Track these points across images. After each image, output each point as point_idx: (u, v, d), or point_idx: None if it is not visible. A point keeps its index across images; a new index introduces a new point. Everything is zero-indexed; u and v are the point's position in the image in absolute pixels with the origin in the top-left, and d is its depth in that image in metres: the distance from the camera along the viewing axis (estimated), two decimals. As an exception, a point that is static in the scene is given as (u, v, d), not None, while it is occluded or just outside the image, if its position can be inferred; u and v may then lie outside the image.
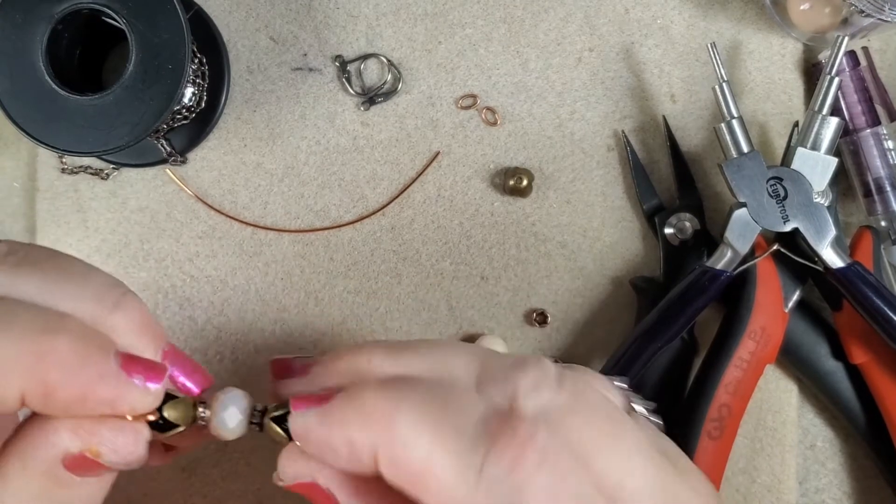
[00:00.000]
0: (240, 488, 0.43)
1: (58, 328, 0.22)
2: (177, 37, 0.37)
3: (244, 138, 0.44)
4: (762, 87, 0.44)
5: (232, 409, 0.24)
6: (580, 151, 0.44)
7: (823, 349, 0.42)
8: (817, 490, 0.44)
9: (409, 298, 0.44)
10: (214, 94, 0.44)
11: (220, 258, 0.44)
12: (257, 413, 0.25)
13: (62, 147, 0.37)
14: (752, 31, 0.44)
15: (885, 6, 0.38)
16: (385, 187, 0.44)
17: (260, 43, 0.44)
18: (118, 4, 0.37)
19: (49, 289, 0.22)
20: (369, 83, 0.44)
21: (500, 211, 0.44)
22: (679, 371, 0.42)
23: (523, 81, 0.44)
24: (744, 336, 0.40)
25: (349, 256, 0.44)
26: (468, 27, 0.44)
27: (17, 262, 0.23)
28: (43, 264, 0.23)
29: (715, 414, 0.40)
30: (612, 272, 0.44)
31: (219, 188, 0.44)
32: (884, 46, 0.44)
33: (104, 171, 0.44)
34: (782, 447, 0.43)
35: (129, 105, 0.37)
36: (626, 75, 0.44)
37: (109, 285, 0.23)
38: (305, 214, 0.44)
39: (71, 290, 0.23)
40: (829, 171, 0.40)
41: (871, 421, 0.41)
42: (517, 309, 0.44)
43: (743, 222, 0.40)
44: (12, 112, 0.37)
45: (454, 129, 0.44)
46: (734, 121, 0.40)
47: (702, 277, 0.40)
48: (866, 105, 0.42)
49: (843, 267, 0.39)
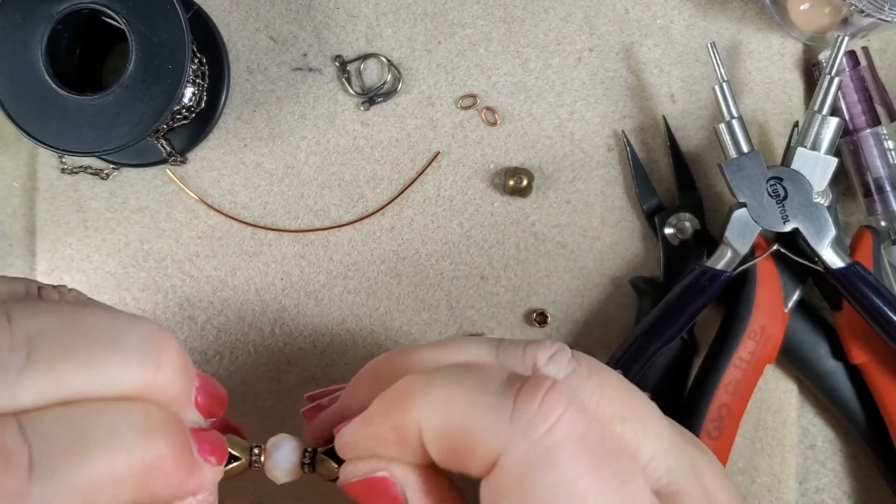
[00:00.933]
0: (240, 487, 0.43)
1: (152, 429, 0.22)
2: (177, 37, 0.37)
3: (244, 138, 0.44)
4: (762, 87, 0.44)
5: (282, 456, 0.25)
6: (580, 151, 0.44)
7: (823, 349, 0.42)
8: (817, 490, 0.44)
9: (409, 298, 0.44)
10: (214, 94, 0.44)
11: (219, 258, 0.44)
12: (308, 453, 0.26)
13: (62, 147, 0.37)
14: (752, 31, 0.44)
15: (885, 6, 0.38)
16: (385, 187, 0.44)
17: (260, 43, 0.44)
18: (118, 4, 0.37)
19: (95, 377, 0.21)
20: (369, 83, 0.44)
21: (499, 211, 0.44)
22: (679, 371, 0.42)
23: (523, 81, 0.44)
24: (744, 336, 0.40)
25: (349, 256, 0.44)
26: (468, 27, 0.44)
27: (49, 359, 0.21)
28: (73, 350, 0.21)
29: (714, 414, 0.40)
30: (612, 272, 0.44)
31: (219, 188, 0.44)
32: (884, 46, 0.44)
33: (104, 171, 0.44)
34: (782, 447, 0.43)
35: (129, 105, 0.37)
36: (626, 75, 0.44)
37: (143, 339, 0.22)
38: (305, 214, 0.44)
39: (113, 368, 0.22)
40: (829, 171, 0.40)
41: (871, 421, 0.41)
42: (517, 309, 0.44)
43: (743, 222, 0.40)
44: (12, 112, 0.37)
45: (454, 129, 0.44)
46: (734, 121, 0.40)
47: (702, 277, 0.40)
48: (866, 105, 0.42)
49: (843, 267, 0.39)
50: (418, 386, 0.23)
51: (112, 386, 0.21)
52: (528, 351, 0.25)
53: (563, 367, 0.25)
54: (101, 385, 0.21)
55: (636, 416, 0.24)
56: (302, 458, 0.26)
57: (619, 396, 0.24)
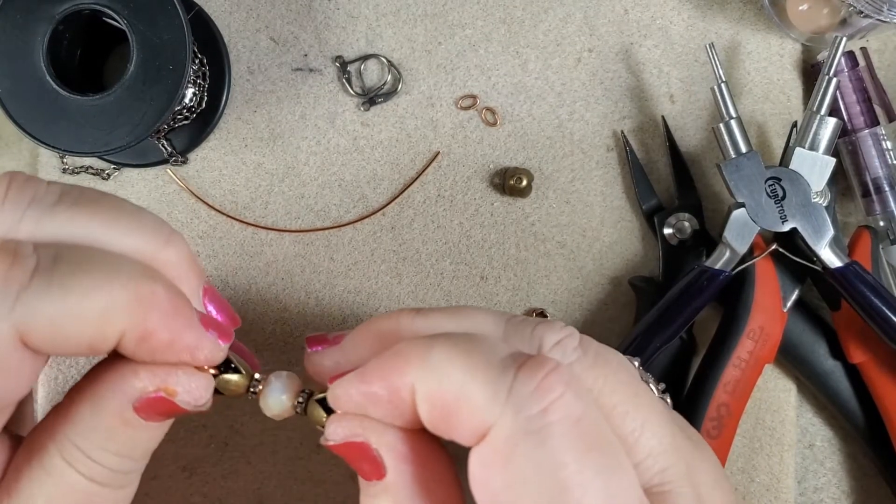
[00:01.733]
0: (240, 487, 0.43)
1: (155, 275, 0.23)
2: (178, 37, 0.37)
3: (245, 138, 0.44)
4: (761, 88, 0.44)
5: (279, 389, 0.26)
6: (579, 152, 0.44)
7: (822, 349, 0.42)
8: (816, 489, 0.44)
9: (409, 298, 0.44)
10: (215, 94, 0.44)
11: (220, 258, 0.44)
12: (303, 394, 0.26)
13: (63, 147, 0.37)
14: (751, 32, 0.44)
15: (884, 7, 0.38)
16: (385, 187, 0.44)
17: (260, 43, 0.45)
18: (119, 5, 0.37)
19: (110, 229, 0.24)
20: (369, 84, 0.45)
21: (499, 211, 0.44)
22: (678, 370, 0.42)
23: (523, 82, 0.44)
24: (742, 336, 0.40)
25: (349, 256, 0.44)
26: (468, 28, 0.45)
27: (73, 202, 0.24)
28: (99, 205, 0.24)
29: (714, 413, 0.40)
30: (612, 272, 0.44)
31: (219, 188, 0.44)
32: (882, 47, 0.45)
33: (105, 172, 0.44)
34: (781, 446, 0.43)
35: (130, 105, 0.37)
36: (626, 76, 0.45)
37: (159, 222, 0.25)
38: (306, 214, 0.44)
39: (128, 229, 0.24)
40: (828, 171, 0.40)
41: (870, 420, 0.41)
42: (517, 309, 0.44)
43: (741, 222, 0.40)
44: (13, 112, 0.37)
45: (454, 130, 0.44)
46: (733, 121, 0.40)
47: (700, 277, 0.40)
48: (865, 105, 0.42)
49: (842, 267, 0.39)
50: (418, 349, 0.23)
51: (124, 242, 0.24)
52: (537, 331, 0.25)
53: (569, 353, 0.24)
54: (114, 239, 0.24)
55: (638, 411, 0.24)
56: (297, 398, 0.26)
57: (622, 389, 0.24)
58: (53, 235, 0.23)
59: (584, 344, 0.25)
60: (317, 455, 0.43)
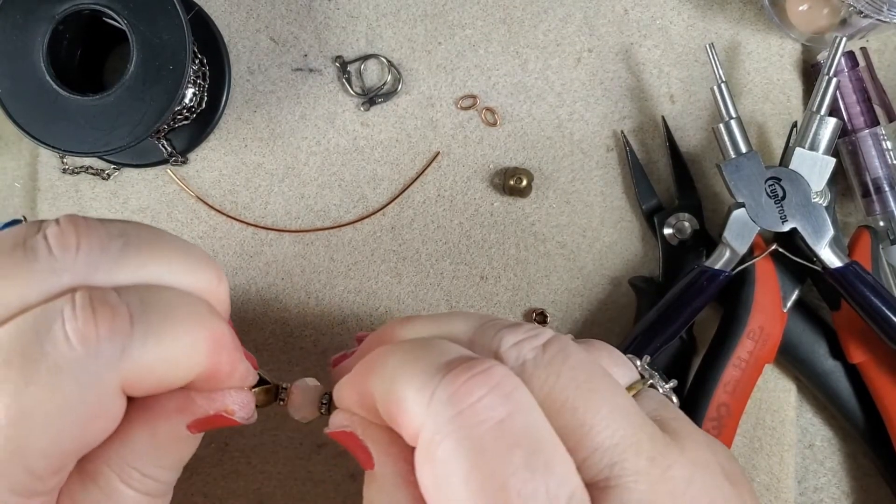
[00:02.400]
0: (240, 487, 0.43)
1: (217, 314, 0.25)
2: (178, 37, 0.37)
3: (245, 139, 0.44)
4: (761, 88, 0.44)
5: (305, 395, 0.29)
6: (579, 152, 0.44)
7: (822, 349, 0.42)
8: (816, 489, 0.44)
9: (409, 298, 0.44)
10: (215, 94, 0.44)
11: (220, 258, 0.44)
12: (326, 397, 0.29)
13: (63, 147, 0.37)
14: (751, 32, 0.44)
15: (884, 7, 0.38)
16: (385, 187, 0.44)
17: (260, 44, 0.45)
18: (119, 5, 0.37)
19: (172, 268, 0.25)
20: (369, 84, 0.45)
21: (499, 211, 0.44)
22: (678, 370, 0.42)
23: (523, 82, 0.44)
24: (742, 336, 0.40)
25: (349, 256, 0.44)
26: (468, 28, 0.45)
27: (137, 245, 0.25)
28: (158, 245, 0.25)
29: (714, 413, 0.40)
30: (612, 272, 0.44)
31: (219, 188, 0.44)
32: (882, 47, 0.45)
33: (105, 172, 0.44)
34: (781, 446, 0.43)
35: (129, 105, 0.37)
36: (626, 76, 0.45)
37: (208, 257, 0.26)
38: (306, 214, 0.44)
39: (188, 267, 0.25)
40: (827, 171, 0.40)
41: (870, 420, 0.41)
42: (517, 309, 0.44)
43: (741, 222, 0.40)
44: (13, 112, 0.37)
45: (454, 130, 0.44)
46: (732, 121, 0.40)
47: (700, 277, 0.40)
48: (865, 105, 0.42)
49: (842, 267, 0.39)
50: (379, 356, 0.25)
51: (186, 281, 0.25)
52: (499, 333, 0.25)
53: (525, 352, 0.24)
54: (177, 279, 0.25)
55: (591, 406, 0.23)
56: (321, 399, 0.29)
57: (576, 386, 0.24)
58: (128, 280, 0.24)
59: (550, 343, 0.25)
60: (317, 455, 0.43)
